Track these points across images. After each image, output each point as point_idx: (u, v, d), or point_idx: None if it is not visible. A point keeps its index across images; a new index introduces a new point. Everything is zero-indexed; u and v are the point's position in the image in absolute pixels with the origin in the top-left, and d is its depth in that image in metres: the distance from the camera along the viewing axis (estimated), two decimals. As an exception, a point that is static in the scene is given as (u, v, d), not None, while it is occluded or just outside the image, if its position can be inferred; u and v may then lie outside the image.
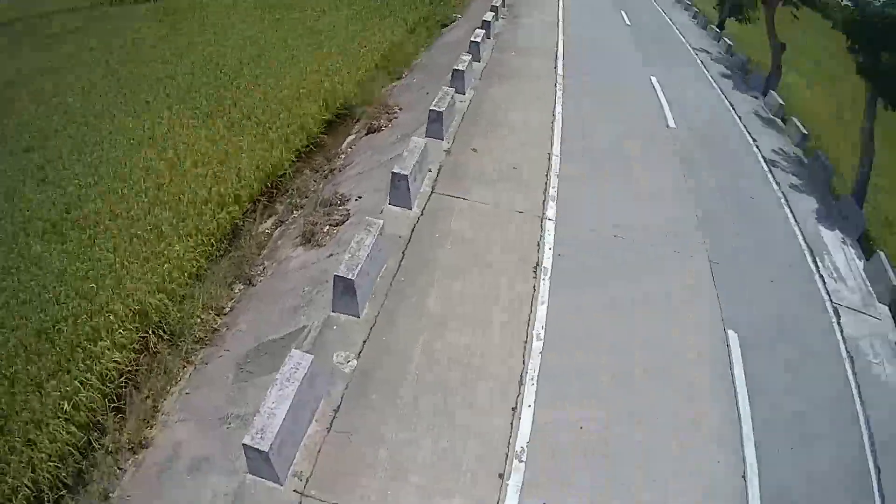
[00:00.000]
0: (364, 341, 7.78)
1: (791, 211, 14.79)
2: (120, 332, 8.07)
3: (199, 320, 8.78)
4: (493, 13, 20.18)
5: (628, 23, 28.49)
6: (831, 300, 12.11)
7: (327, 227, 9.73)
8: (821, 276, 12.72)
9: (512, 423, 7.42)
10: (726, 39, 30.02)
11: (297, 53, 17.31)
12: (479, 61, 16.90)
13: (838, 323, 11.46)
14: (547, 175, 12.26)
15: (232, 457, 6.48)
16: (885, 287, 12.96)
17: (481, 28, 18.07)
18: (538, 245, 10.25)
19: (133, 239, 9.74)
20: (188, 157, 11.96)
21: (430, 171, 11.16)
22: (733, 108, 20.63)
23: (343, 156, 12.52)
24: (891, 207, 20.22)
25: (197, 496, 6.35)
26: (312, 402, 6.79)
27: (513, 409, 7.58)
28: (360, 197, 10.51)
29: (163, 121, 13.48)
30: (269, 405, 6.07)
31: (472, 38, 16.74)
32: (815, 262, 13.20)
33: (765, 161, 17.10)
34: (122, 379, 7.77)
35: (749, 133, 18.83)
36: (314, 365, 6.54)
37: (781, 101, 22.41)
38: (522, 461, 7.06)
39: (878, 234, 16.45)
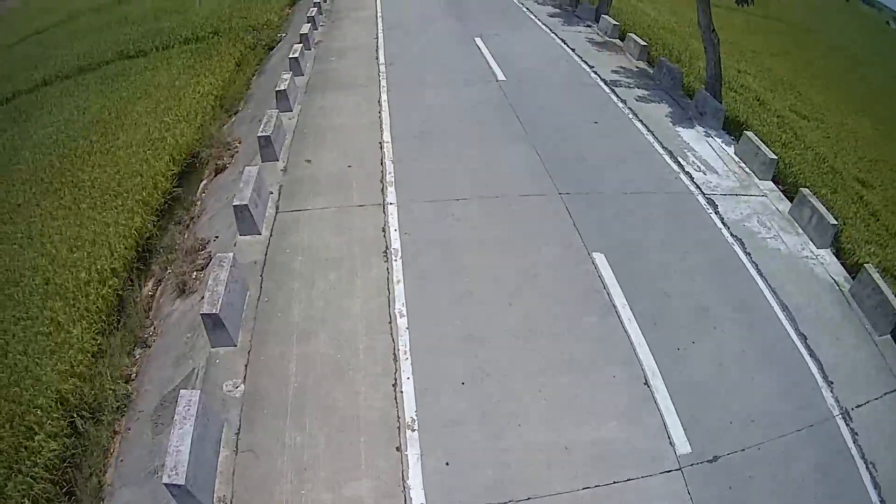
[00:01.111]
0: (246, 366, 8.17)
1: (642, 122, 14.82)
2: (49, 423, 8.21)
3: (112, 392, 8.95)
4: (310, 24, 20.00)
5: (448, -4, 27.93)
6: (703, 192, 12.11)
7: (195, 273, 9.97)
8: (687, 173, 12.70)
9: (396, 399, 7.75)
10: (551, -20, 29.56)
11: (140, 117, 16.95)
12: (303, 74, 16.87)
13: (716, 212, 11.59)
14: (382, 164, 12.54)
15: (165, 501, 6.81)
16: (763, 162, 12.75)
17: (299, 42, 17.96)
18: (384, 231, 10.58)
19: (38, 336, 9.72)
20: (63, 245, 11.89)
21: (271, 193, 11.39)
22: (565, 44, 20.44)
23: (199, 202, 12.63)
24: (758, 87, 20.89)
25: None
26: (214, 431, 7.21)
27: (393, 385, 7.93)
28: (216, 237, 10.73)
29: (35, 219, 13.19)
30: (174, 445, 6.48)
31: (291, 55, 16.74)
32: (676, 161, 13.12)
33: (605, 83, 17.13)
34: (64, 465, 7.94)
35: (584, 62, 18.78)
36: (204, 399, 6.95)
37: (615, 22, 22.04)
38: (415, 430, 7.37)
39: (749, 116, 16.51)
